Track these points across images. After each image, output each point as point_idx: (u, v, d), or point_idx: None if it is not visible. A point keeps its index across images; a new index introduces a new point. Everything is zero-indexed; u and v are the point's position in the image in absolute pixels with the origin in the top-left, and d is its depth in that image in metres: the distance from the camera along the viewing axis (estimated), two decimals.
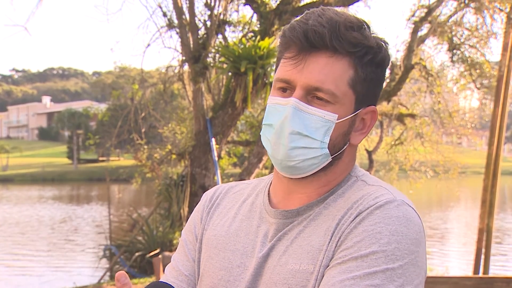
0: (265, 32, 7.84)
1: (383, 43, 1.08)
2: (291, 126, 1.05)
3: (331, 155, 1.08)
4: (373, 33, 1.08)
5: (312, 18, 1.04)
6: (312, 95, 1.05)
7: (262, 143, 1.18)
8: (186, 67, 9.28)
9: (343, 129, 1.08)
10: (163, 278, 1.22)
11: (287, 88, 1.08)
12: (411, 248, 0.98)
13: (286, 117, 1.05)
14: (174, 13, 8.73)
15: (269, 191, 1.20)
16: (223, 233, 1.18)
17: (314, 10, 1.07)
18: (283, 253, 1.07)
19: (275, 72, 1.13)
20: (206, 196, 1.29)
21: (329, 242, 1.03)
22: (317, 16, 1.05)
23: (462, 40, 11.05)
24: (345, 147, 1.11)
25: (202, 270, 1.17)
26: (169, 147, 9.87)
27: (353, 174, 1.13)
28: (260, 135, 1.14)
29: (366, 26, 1.07)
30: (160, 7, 9.14)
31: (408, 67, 10.45)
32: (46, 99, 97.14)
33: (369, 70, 1.07)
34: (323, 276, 1.01)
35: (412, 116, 11.95)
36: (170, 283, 1.14)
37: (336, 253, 1.01)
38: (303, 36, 1.03)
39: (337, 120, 1.06)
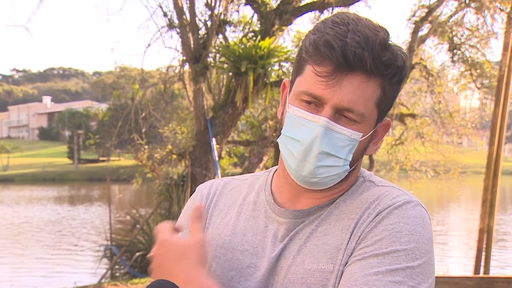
0: (265, 32, 7.83)
1: (403, 55, 1.06)
2: (321, 146, 1.04)
3: (350, 169, 1.10)
4: (395, 45, 1.05)
5: (349, 36, 1.00)
6: (339, 113, 1.04)
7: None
8: (186, 67, 9.27)
9: (363, 145, 1.09)
10: None
11: (312, 102, 1.05)
12: (427, 248, 1.02)
13: (316, 136, 1.03)
14: (174, 13, 8.72)
15: (271, 189, 1.19)
16: (229, 232, 1.17)
17: (347, 21, 1.03)
18: (297, 253, 1.08)
19: (294, 74, 1.10)
20: (200, 192, 1.27)
21: (348, 241, 1.05)
22: (353, 33, 1.00)
23: (462, 40, 11.03)
24: (361, 158, 1.13)
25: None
26: (170, 147, 9.85)
27: (360, 175, 1.16)
28: (278, 142, 1.11)
29: (390, 38, 1.05)
30: (161, 7, 9.13)
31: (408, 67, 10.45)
32: (47, 99, 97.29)
33: (394, 88, 1.08)
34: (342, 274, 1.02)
35: (413, 116, 11.94)
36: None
37: (355, 251, 1.03)
38: (342, 56, 1.00)
39: (361, 138, 1.06)
